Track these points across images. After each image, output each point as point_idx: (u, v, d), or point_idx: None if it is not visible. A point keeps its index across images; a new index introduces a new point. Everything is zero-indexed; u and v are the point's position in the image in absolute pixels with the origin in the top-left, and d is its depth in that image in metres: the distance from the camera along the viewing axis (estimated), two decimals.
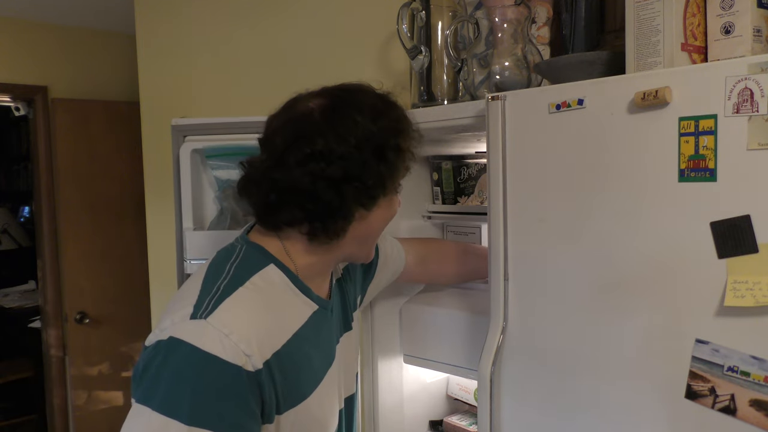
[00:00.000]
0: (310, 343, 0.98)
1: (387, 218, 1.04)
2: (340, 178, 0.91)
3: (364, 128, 0.92)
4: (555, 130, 1.07)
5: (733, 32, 0.98)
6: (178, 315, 0.87)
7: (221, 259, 0.97)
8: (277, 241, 0.98)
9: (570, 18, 1.27)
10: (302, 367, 0.95)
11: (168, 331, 0.85)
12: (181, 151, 1.72)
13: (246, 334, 0.85)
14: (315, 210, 0.92)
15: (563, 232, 1.08)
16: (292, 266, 0.97)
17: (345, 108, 0.94)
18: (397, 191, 1.02)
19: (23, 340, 3.70)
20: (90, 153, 3.08)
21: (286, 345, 0.92)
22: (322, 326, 1.02)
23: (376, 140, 0.93)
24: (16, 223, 4.81)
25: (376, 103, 0.97)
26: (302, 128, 0.92)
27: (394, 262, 1.32)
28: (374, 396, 1.59)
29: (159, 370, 0.83)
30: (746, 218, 0.87)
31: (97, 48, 3.24)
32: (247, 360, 0.84)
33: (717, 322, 0.90)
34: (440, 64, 1.51)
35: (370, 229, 1.01)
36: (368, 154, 0.92)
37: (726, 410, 0.90)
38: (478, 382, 1.19)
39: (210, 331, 0.83)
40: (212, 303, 0.87)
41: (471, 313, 1.42)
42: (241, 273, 0.93)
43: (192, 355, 0.82)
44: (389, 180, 0.97)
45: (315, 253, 0.98)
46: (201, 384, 0.82)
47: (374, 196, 0.96)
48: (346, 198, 0.92)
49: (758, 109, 0.85)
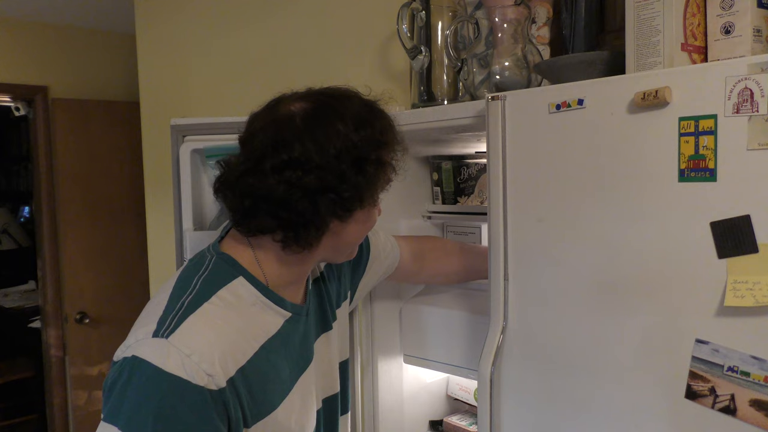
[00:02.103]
0: (278, 353, 0.96)
1: (365, 230, 1.02)
2: (316, 188, 0.89)
3: (345, 138, 0.90)
4: (555, 130, 1.07)
5: (733, 32, 0.98)
6: (142, 331, 0.86)
7: (189, 272, 0.95)
8: (249, 250, 0.96)
9: (570, 18, 1.27)
10: (270, 378, 0.94)
11: (131, 349, 0.85)
12: (180, 151, 1.72)
13: (208, 353, 0.84)
14: (288, 219, 0.90)
15: (563, 232, 1.08)
16: (262, 277, 0.95)
17: (327, 115, 0.91)
18: (376, 203, 1.00)
19: (23, 340, 3.70)
20: (90, 153, 3.08)
21: (252, 359, 0.90)
22: (295, 332, 1.01)
23: (357, 152, 0.91)
24: (16, 223, 4.81)
25: (361, 111, 0.94)
26: (282, 133, 0.90)
27: (387, 256, 1.30)
28: (374, 396, 1.59)
29: (124, 388, 0.83)
30: (746, 218, 0.87)
31: (97, 48, 3.24)
32: (209, 380, 0.84)
33: (717, 322, 0.90)
34: (440, 64, 1.51)
35: (346, 239, 0.99)
36: (347, 165, 0.90)
37: (726, 410, 0.90)
38: (478, 382, 1.18)
39: (171, 352, 0.83)
40: (175, 320, 0.86)
41: (471, 313, 1.42)
42: (207, 287, 0.91)
43: (154, 375, 0.82)
44: (367, 193, 0.95)
45: (287, 263, 0.96)
46: (164, 404, 0.82)
47: (350, 208, 0.94)
48: (320, 209, 0.90)
49: (758, 109, 0.85)
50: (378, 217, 1.05)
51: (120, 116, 3.06)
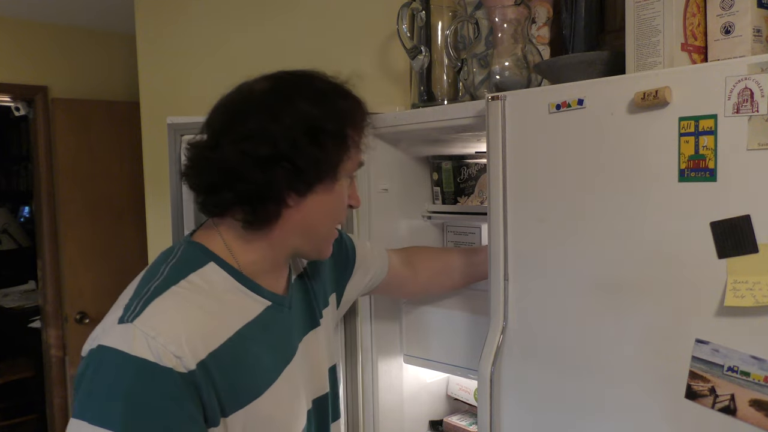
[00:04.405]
0: (257, 341, 0.93)
1: (331, 210, 0.97)
2: (269, 157, 0.87)
3: (301, 110, 0.89)
4: (555, 130, 1.07)
5: (733, 32, 0.98)
6: (109, 321, 0.85)
7: (158, 261, 0.93)
8: (218, 238, 0.94)
9: (570, 18, 1.27)
10: (248, 365, 0.91)
11: (98, 340, 0.83)
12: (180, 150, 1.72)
13: (175, 334, 0.82)
14: (245, 192, 0.89)
15: (563, 232, 1.08)
16: (236, 264, 0.93)
17: (287, 89, 0.92)
18: (337, 179, 0.95)
19: (23, 340, 3.70)
20: (90, 153, 3.08)
21: (225, 344, 0.87)
22: (276, 323, 0.98)
23: (313, 122, 0.89)
24: (16, 223, 4.81)
25: (323, 87, 0.93)
26: (240, 108, 0.91)
27: (375, 260, 1.28)
28: (374, 396, 1.59)
29: (91, 380, 0.81)
30: (746, 218, 0.87)
31: (97, 48, 3.24)
32: (178, 362, 0.81)
33: (717, 322, 0.90)
34: (440, 64, 1.52)
35: (309, 219, 0.95)
36: (301, 134, 0.88)
37: (726, 410, 0.90)
38: (478, 382, 1.19)
39: (137, 334, 0.81)
40: (140, 304, 0.84)
41: (471, 313, 1.42)
42: (175, 273, 0.89)
43: (121, 361, 0.80)
44: (325, 166, 0.91)
45: (257, 247, 0.94)
46: (134, 390, 0.79)
47: (308, 181, 0.91)
48: (275, 179, 0.88)
49: (758, 109, 0.85)
50: (355, 206, 1.02)
51: (120, 116, 3.06)
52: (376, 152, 1.55)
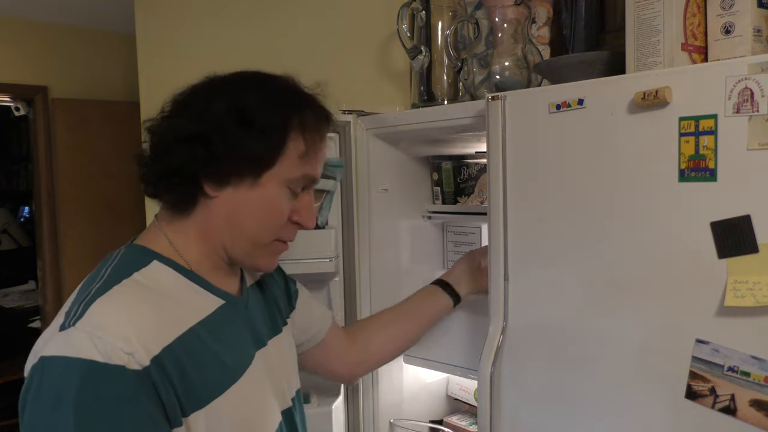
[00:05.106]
0: (214, 338, 0.89)
1: (259, 213, 0.91)
2: (191, 134, 0.86)
3: (242, 97, 0.88)
4: (555, 130, 1.07)
5: (733, 32, 0.98)
6: (49, 332, 0.80)
7: (98, 267, 0.90)
8: (161, 236, 0.92)
9: (570, 18, 1.27)
10: (206, 363, 0.86)
11: (39, 353, 0.78)
12: None
13: (121, 330, 0.77)
14: (166, 166, 0.88)
15: (563, 232, 1.08)
16: (184, 262, 0.91)
17: (243, 81, 0.92)
18: (260, 180, 0.89)
19: (23, 340, 3.69)
20: (90, 153, 3.09)
21: (180, 339, 0.83)
22: (232, 321, 0.95)
23: (245, 109, 0.87)
24: (16, 223, 4.81)
25: (284, 86, 0.93)
26: (193, 90, 0.92)
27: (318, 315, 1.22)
28: (374, 396, 1.59)
29: (36, 396, 0.76)
30: (746, 218, 0.87)
31: (97, 48, 3.24)
32: (129, 358, 0.75)
33: (717, 322, 0.90)
34: (440, 64, 1.52)
35: (234, 216, 0.90)
36: (229, 119, 0.86)
37: (726, 410, 0.90)
38: (478, 382, 1.18)
39: (81, 337, 0.75)
40: (81, 307, 0.79)
41: (471, 313, 1.42)
42: (117, 273, 0.85)
43: (66, 368, 0.74)
44: (245, 159, 0.87)
45: (192, 240, 0.92)
46: (84, 395, 0.73)
47: (224, 170, 0.87)
48: (191, 156, 0.86)
49: (758, 109, 0.85)
50: (304, 225, 0.95)
51: (120, 116, 3.07)
52: (376, 152, 1.55)
